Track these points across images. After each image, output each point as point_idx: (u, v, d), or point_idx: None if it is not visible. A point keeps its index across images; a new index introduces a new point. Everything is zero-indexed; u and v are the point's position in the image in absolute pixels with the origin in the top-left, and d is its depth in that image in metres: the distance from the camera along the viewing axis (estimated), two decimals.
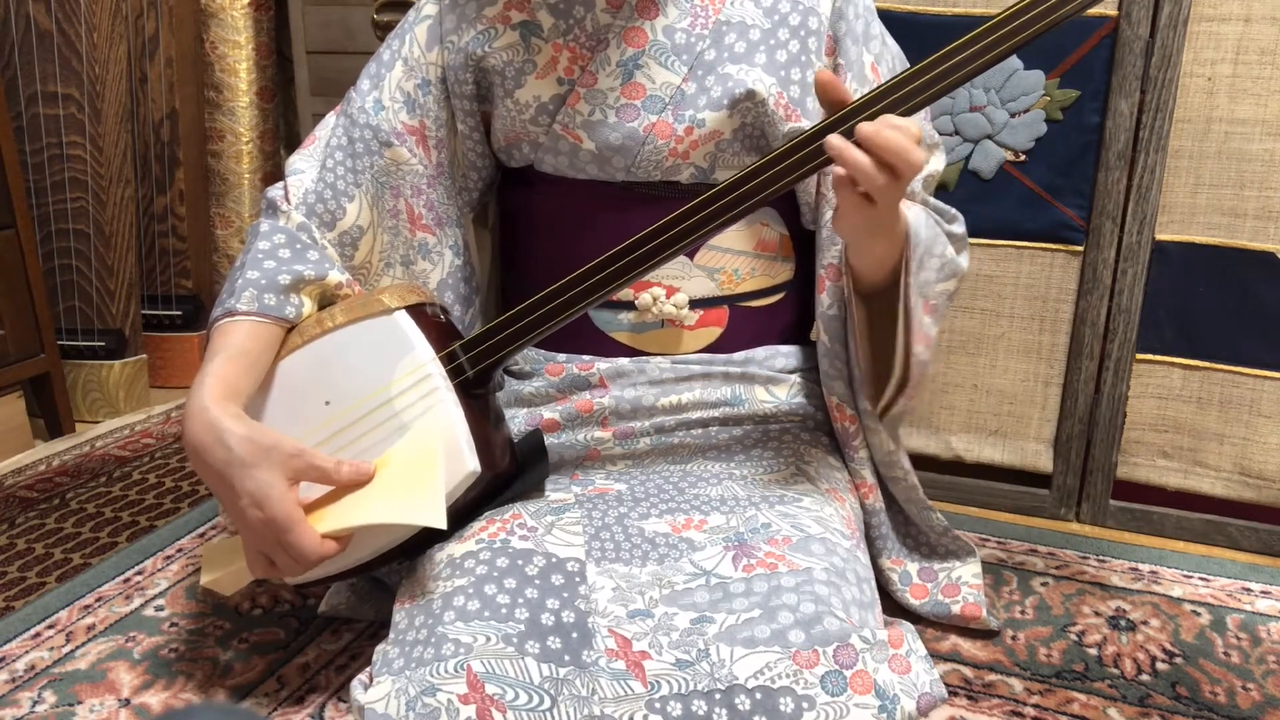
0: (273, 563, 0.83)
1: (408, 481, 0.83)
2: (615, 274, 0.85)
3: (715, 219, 0.83)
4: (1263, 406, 1.25)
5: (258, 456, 0.79)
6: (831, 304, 0.99)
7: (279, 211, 0.96)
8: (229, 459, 0.79)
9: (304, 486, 0.84)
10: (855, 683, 0.72)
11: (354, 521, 0.82)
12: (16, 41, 1.65)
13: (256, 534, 0.81)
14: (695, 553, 0.84)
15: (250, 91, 1.86)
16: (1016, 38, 0.78)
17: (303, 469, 0.81)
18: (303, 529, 0.80)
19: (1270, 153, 1.19)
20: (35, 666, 1.01)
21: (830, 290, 0.98)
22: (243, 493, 0.79)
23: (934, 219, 0.95)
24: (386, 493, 0.83)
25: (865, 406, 1.00)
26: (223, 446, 0.79)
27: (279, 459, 0.80)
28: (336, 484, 0.84)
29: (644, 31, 0.95)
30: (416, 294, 0.92)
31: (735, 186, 0.82)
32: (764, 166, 0.82)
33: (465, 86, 0.99)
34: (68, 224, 1.70)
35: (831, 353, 1.00)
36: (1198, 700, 0.97)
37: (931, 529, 1.09)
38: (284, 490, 0.80)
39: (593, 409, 1.00)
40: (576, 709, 0.72)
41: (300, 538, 0.80)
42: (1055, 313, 1.32)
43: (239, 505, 0.80)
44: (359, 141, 0.99)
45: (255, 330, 0.88)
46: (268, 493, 0.79)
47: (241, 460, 0.79)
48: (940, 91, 0.79)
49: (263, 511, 0.79)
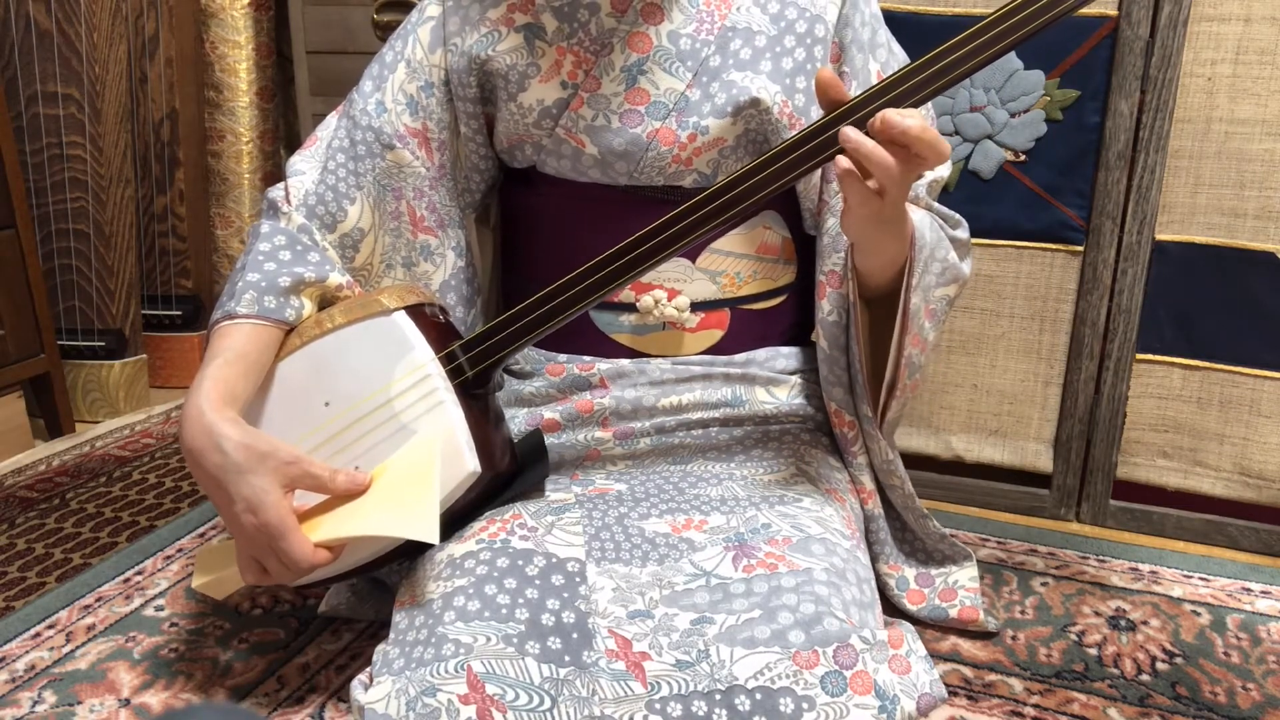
0: (265, 570, 0.83)
1: (402, 493, 0.82)
2: (614, 274, 0.85)
3: (715, 217, 0.82)
4: (1263, 406, 1.25)
5: (253, 462, 0.79)
6: (832, 310, 0.98)
7: (280, 213, 0.96)
8: (224, 464, 0.79)
9: (300, 494, 0.84)
10: (855, 683, 0.72)
11: (347, 532, 0.82)
12: (16, 41, 1.65)
13: (250, 540, 0.81)
14: (695, 553, 0.84)
15: (250, 91, 1.86)
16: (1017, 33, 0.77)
17: (298, 476, 0.81)
18: (296, 537, 0.80)
19: (1270, 153, 1.19)
20: (35, 666, 1.01)
21: (831, 297, 0.98)
22: (237, 498, 0.79)
23: (938, 223, 0.95)
24: (381, 504, 0.82)
25: (866, 413, 0.99)
26: (218, 451, 0.79)
27: (274, 465, 0.80)
28: (332, 493, 0.84)
29: (649, 37, 0.95)
30: (416, 294, 0.92)
31: (733, 185, 0.82)
32: (763, 164, 0.81)
33: (468, 89, 0.99)
34: (68, 224, 1.70)
35: (831, 359, 1.00)
36: (1198, 700, 0.97)
37: (928, 535, 1.09)
38: (278, 497, 0.79)
39: (593, 409, 1.00)
40: (577, 709, 0.72)
41: (293, 545, 0.80)
42: (1055, 313, 1.32)
43: (233, 510, 0.80)
44: (361, 144, 0.99)
45: (254, 333, 0.88)
46: (262, 499, 0.79)
47: (237, 465, 0.79)
48: (940, 88, 0.79)
49: (256, 518, 0.79)
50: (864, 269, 0.89)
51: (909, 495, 1.05)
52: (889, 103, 0.78)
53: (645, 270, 0.85)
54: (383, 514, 0.82)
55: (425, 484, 0.82)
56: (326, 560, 0.82)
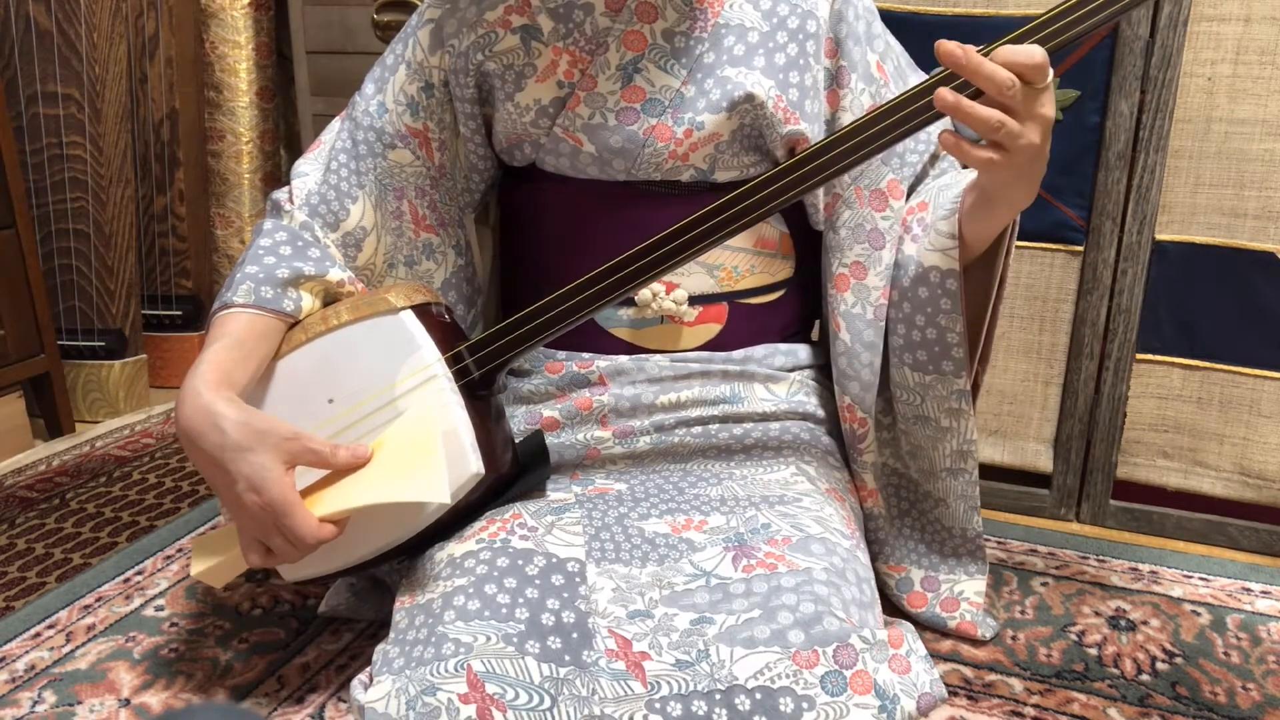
0: (269, 550, 0.83)
1: (407, 460, 0.82)
2: (629, 277, 0.85)
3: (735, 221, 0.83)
4: (1263, 406, 1.25)
5: (252, 440, 0.79)
6: (857, 303, 0.98)
7: (282, 211, 0.97)
8: (223, 443, 0.79)
9: (301, 472, 0.83)
10: (855, 683, 0.72)
11: (352, 503, 0.81)
12: (16, 41, 1.65)
13: (253, 519, 0.81)
14: (695, 553, 0.84)
15: (250, 91, 1.86)
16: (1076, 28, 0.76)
17: (299, 452, 0.81)
18: (300, 512, 0.79)
19: (1270, 153, 1.19)
20: (35, 666, 1.01)
21: (855, 289, 0.97)
22: (238, 477, 0.79)
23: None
24: (385, 472, 0.82)
25: (961, 385, 0.97)
26: (217, 431, 0.79)
27: (274, 442, 0.79)
28: (333, 468, 0.83)
29: (643, 35, 0.95)
30: (422, 293, 0.92)
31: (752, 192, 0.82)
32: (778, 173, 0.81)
33: (466, 90, 1.00)
34: (68, 224, 1.70)
35: (851, 353, 0.99)
36: (1198, 700, 0.97)
37: (970, 527, 1.06)
38: (280, 474, 0.79)
39: (592, 406, 1.01)
40: (576, 709, 0.72)
41: (298, 521, 0.79)
42: (1055, 313, 1.32)
43: (234, 490, 0.80)
44: (362, 144, 0.99)
45: (251, 321, 0.88)
46: (264, 476, 0.78)
47: (236, 444, 0.79)
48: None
49: (259, 496, 0.79)
50: (972, 237, 0.89)
51: (973, 481, 1.03)
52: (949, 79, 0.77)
53: (662, 274, 0.85)
54: (388, 481, 0.81)
55: (429, 449, 0.81)
56: (332, 535, 0.81)
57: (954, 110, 0.75)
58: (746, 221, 0.83)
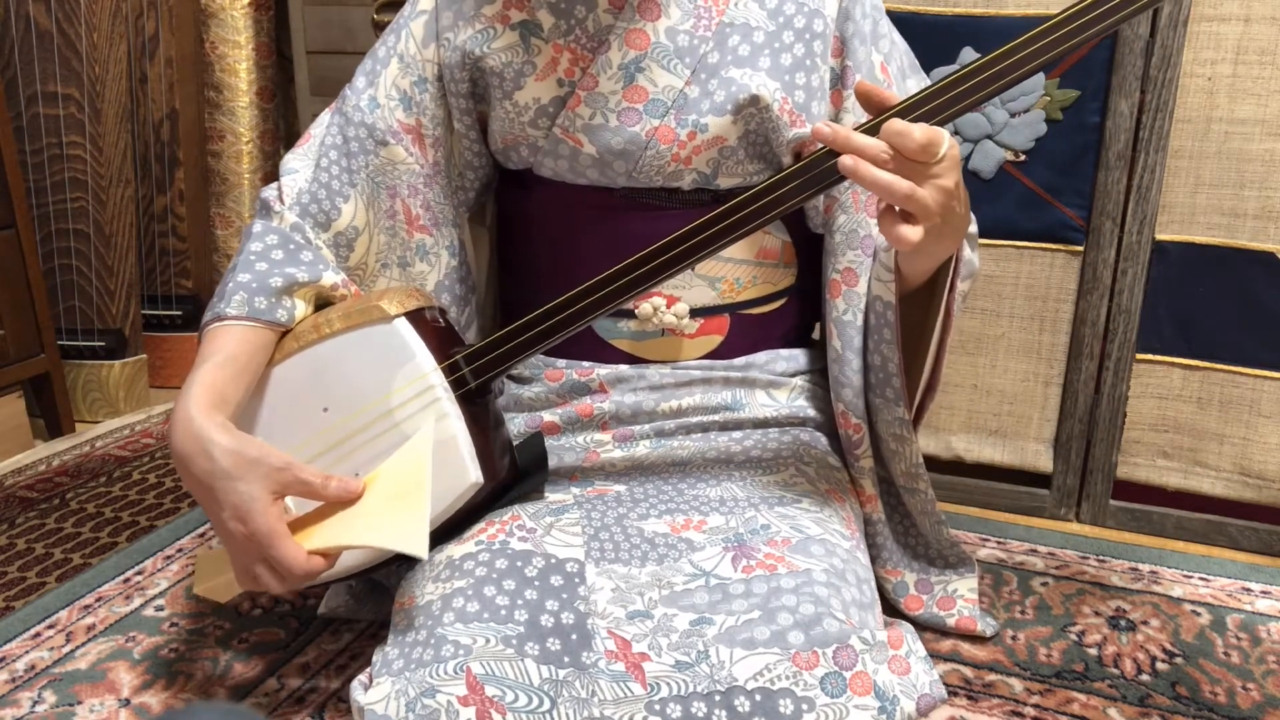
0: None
1: (394, 504, 0.80)
2: (623, 288, 0.84)
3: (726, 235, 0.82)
4: (1263, 406, 1.25)
5: (242, 469, 0.77)
6: (847, 309, 0.96)
7: (272, 212, 0.95)
8: (213, 470, 0.77)
9: (295, 501, 0.82)
10: (855, 684, 0.72)
11: (338, 542, 0.80)
12: (16, 41, 1.65)
13: (240, 547, 0.79)
14: (695, 553, 0.84)
15: (250, 91, 1.86)
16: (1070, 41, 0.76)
17: (289, 483, 0.79)
18: (286, 544, 0.77)
19: (1270, 153, 1.19)
20: (35, 666, 1.01)
21: (846, 295, 0.96)
22: (225, 505, 0.78)
23: None
24: (372, 514, 0.81)
25: (900, 415, 0.97)
26: (206, 457, 0.78)
27: (264, 472, 0.78)
28: (324, 499, 0.81)
29: (646, 33, 0.94)
30: (416, 298, 0.91)
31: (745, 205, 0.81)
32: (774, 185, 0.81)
33: (461, 85, 0.98)
34: (68, 224, 1.70)
35: (843, 359, 0.98)
36: (1198, 700, 0.97)
37: (940, 541, 1.08)
38: (266, 504, 0.77)
39: (593, 413, 1.00)
40: (576, 710, 0.72)
41: (284, 553, 0.77)
42: (1055, 313, 1.32)
43: (221, 517, 0.78)
44: (354, 140, 0.98)
45: (245, 335, 0.87)
46: (250, 506, 0.77)
47: (225, 472, 0.77)
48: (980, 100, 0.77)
49: (245, 526, 0.77)
50: (910, 271, 0.88)
51: (929, 500, 1.04)
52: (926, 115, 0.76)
53: (655, 285, 0.84)
54: (373, 526, 0.80)
55: (417, 495, 0.80)
56: (321, 568, 0.80)
57: (852, 175, 0.75)
58: (744, 232, 0.82)
